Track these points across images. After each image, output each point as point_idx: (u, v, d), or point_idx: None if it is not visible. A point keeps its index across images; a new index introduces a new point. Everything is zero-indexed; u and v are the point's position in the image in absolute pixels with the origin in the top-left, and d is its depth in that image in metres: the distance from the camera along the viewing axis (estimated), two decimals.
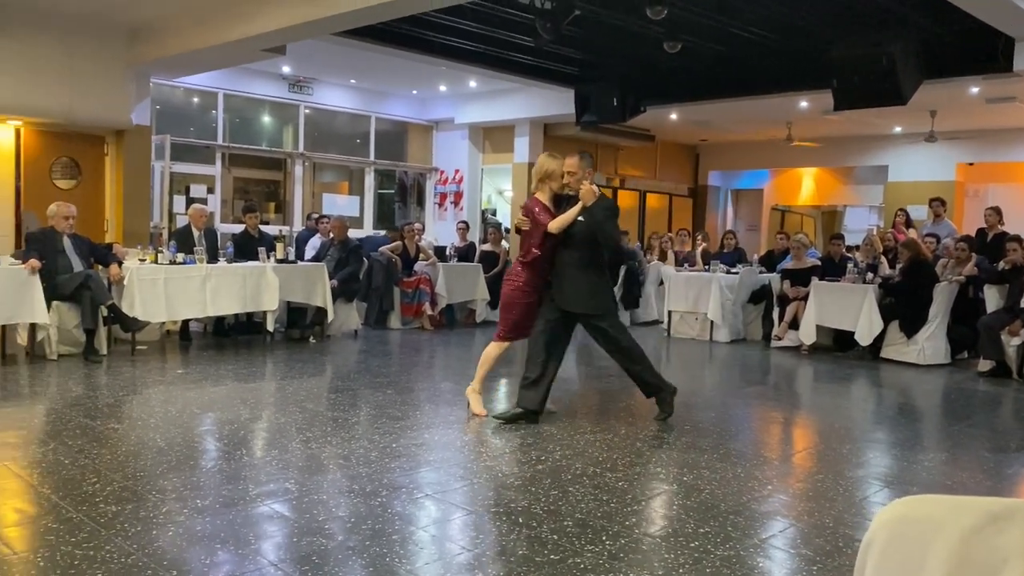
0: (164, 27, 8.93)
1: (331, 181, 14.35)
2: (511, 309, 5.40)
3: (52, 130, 9.47)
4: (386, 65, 10.81)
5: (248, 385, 6.37)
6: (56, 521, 3.23)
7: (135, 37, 9.36)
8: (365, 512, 3.46)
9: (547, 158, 5.41)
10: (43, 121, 9.22)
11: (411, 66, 10.65)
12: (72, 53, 9.01)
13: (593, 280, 5.31)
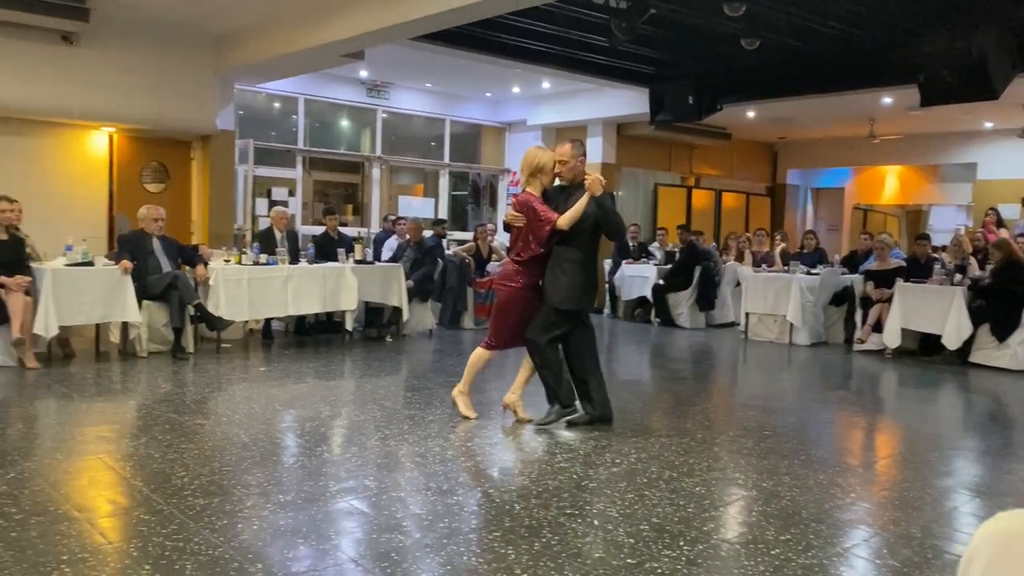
0: (248, 34, 9.21)
1: (407, 183, 14.55)
2: (508, 314, 5.09)
3: (142, 136, 9.87)
4: (460, 68, 10.90)
5: (328, 383, 6.52)
6: (148, 513, 3.36)
7: (221, 45, 9.68)
8: (442, 510, 3.50)
9: (537, 150, 5.19)
10: (134, 127, 9.61)
11: (485, 69, 10.71)
12: (162, 62, 9.37)
13: (590, 277, 5.11)
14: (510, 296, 5.06)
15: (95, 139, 9.55)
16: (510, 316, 5.08)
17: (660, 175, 14.28)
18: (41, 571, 2.75)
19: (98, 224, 9.57)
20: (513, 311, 5.07)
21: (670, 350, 9.29)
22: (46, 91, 8.62)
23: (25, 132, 8.96)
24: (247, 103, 11.78)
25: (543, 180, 5.08)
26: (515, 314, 5.06)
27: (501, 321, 5.15)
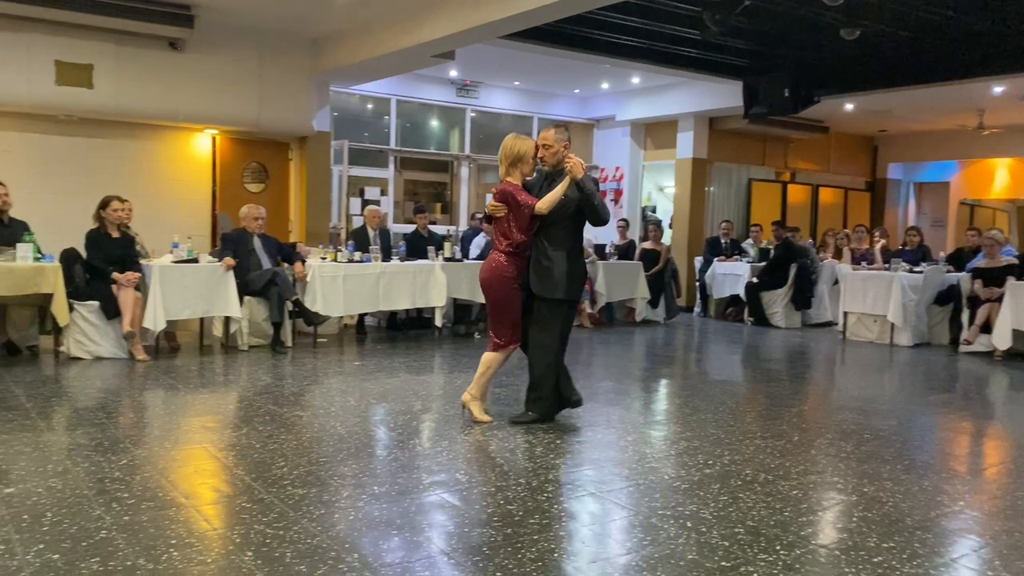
0: (343, 38, 9.44)
1: (494, 182, 14.63)
2: (506, 309, 4.92)
3: (243, 138, 10.24)
4: (549, 66, 10.91)
5: (419, 378, 6.62)
6: (249, 501, 3.49)
7: (317, 48, 9.96)
8: (532, 507, 3.51)
9: (516, 139, 5.01)
10: (235, 130, 9.98)
11: (574, 65, 10.69)
12: (262, 66, 9.70)
13: (574, 264, 4.93)
14: (503, 288, 4.91)
15: (199, 141, 9.96)
16: (509, 310, 4.93)
17: (754, 170, 13.95)
18: (152, 554, 2.88)
19: (202, 223, 9.98)
20: (510, 304, 4.93)
21: (764, 350, 9.06)
22: (154, 95, 9.04)
23: (135, 135, 9.42)
24: (342, 105, 12.07)
25: (523, 169, 4.98)
26: (512, 306, 4.93)
27: (500, 316, 4.96)
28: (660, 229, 11.63)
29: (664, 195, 14.44)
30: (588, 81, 12.59)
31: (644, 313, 10.80)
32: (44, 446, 4.26)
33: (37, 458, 4.02)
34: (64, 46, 8.51)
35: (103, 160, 9.17)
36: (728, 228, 12.18)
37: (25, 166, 8.54)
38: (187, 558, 2.87)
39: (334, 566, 2.83)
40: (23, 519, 3.17)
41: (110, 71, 8.74)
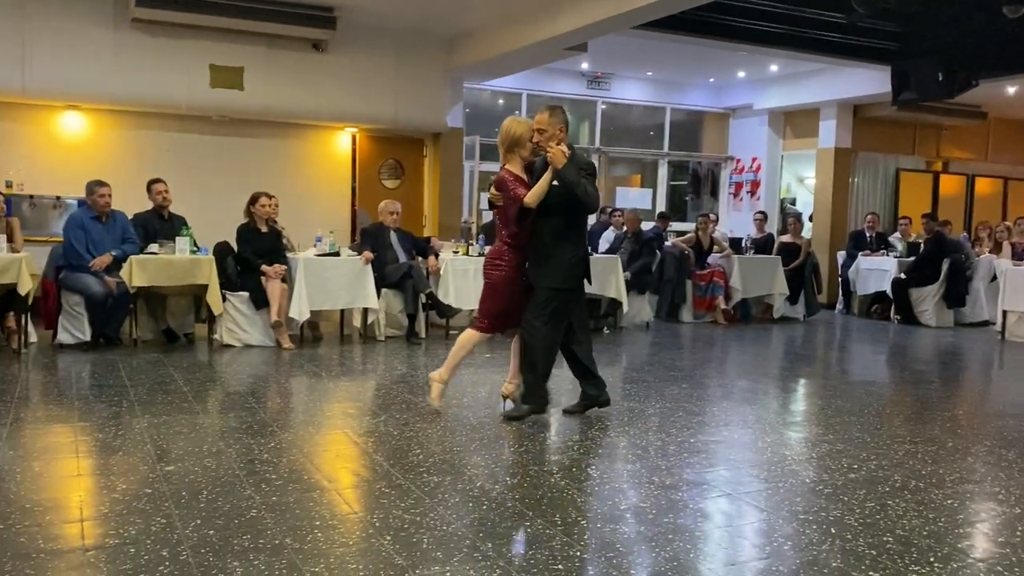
0: (478, 34, 9.57)
1: (623, 174, 14.49)
2: (497, 297, 4.79)
3: (381, 135, 10.57)
4: (683, 54, 10.68)
5: None
6: (388, 487, 3.59)
7: (452, 46, 10.14)
8: (666, 505, 3.44)
9: (513, 122, 4.78)
10: (374, 127, 10.31)
11: (709, 54, 10.42)
12: (399, 64, 9.98)
13: (573, 253, 4.73)
14: (496, 278, 4.78)
15: (340, 139, 10.35)
16: (501, 298, 4.78)
17: (903, 159, 13.18)
18: (298, 534, 3.01)
19: (342, 217, 10.37)
20: (504, 292, 4.77)
21: (912, 350, 8.56)
22: (299, 96, 9.46)
23: (280, 134, 9.90)
24: (474, 101, 12.24)
25: (522, 154, 4.76)
26: (506, 295, 4.77)
27: (489, 305, 4.84)
28: (800, 222, 11.19)
29: (804, 186, 13.87)
30: (724, 69, 12.24)
31: (782, 310, 10.42)
32: (200, 428, 4.55)
33: (194, 439, 4.29)
34: (218, 50, 9.04)
35: (252, 158, 9.68)
36: (874, 221, 11.56)
37: (183, 164, 9.13)
38: (330, 539, 2.98)
39: (469, 554, 2.87)
40: (182, 496, 3.39)
41: (259, 73, 9.21)
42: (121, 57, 8.66)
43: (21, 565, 2.68)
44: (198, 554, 2.80)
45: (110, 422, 4.55)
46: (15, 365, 6.12)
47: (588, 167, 4.68)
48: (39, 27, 8.35)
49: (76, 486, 3.57)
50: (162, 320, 7.41)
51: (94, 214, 6.98)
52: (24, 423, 4.51)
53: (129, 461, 3.88)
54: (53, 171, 8.84)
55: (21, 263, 6.34)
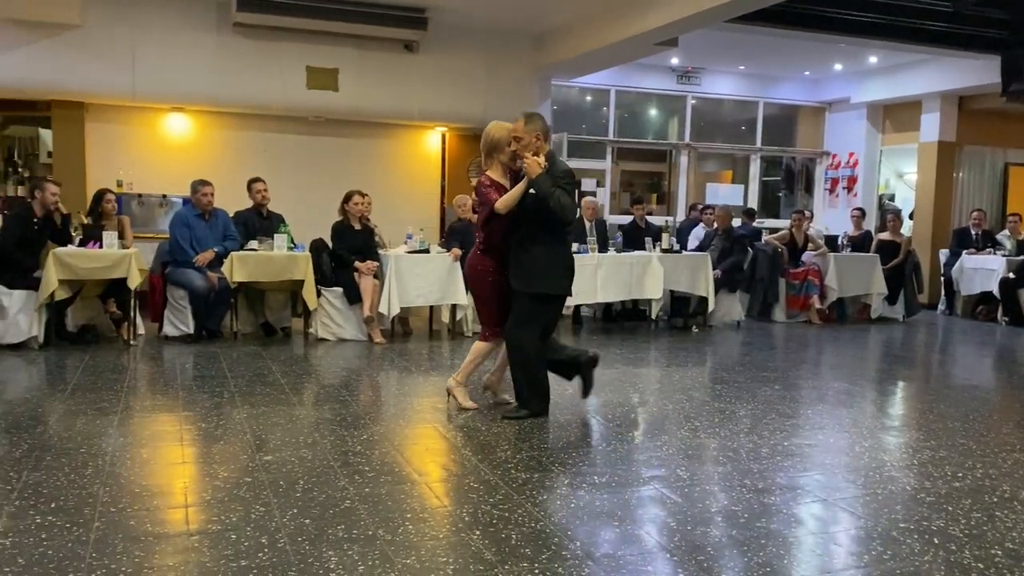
0: (566, 32, 9.56)
1: (713, 170, 14.24)
2: (483, 301, 4.84)
3: (469, 134, 10.66)
4: (777, 47, 10.41)
5: (635, 370, 6.59)
6: (476, 481, 3.63)
7: (540, 44, 10.16)
8: (758, 509, 3.37)
9: (494, 126, 4.69)
10: (462, 126, 10.42)
11: (804, 46, 10.13)
12: (488, 64, 10.05)
13: (555, 260, 4.65)
14: (475, 281, 4.85)
15: (430, 138, 10.51)
16: (495, 304, 4.79)
17: (1012, 153, 12.51)
18: (390, 525, 3.08)
19: (431, 215, 10.53)
20: (498, 299, 4.76)
21: (1023, 353, 8.13)
22: (391, 96, 9.65)
23: (372, 134, 10.11)
24: (561, 98, 12.23)
25: (500, 159, 4.69)
26: (500, 301, 4.76)
27: (480, 308, 4.91)
28: (899, 219, 10.76)
29: (904, 182, 13.33)
30: (819, 62, 11.87)
31: (880, 310, 10.04)
32: (296, 419, 4.70)
33: (291, 429, 4.43)
34: (313, 53, 9.30)
35: (345, 157, 9.93)
36: (980, 218, 11.01)
37: (280, 164, 9.43)
38: (420, 532, 3.04)
39: (557, 552, 2.88)
40: (280, 485, 3.50)
41: (353, 74, 9.43)
42: (223, 61, 9.02)
43: (131, 547, 2.82)
44: (295, 542, 2.89)
45: (212, 412, 4.75)
46: (124, 356, 6.45)
47: (566, 176, 4.58)
48: (147, 34, 8.76)
49: (181, 473, 3.74)
50: (260, 314, 7.68)
51: (198, 212, 7.29)
52: (133, 411, 4.75)
53: (230, 450, 4.04)
54: (160, 171, 9.29)
55: (131, 258, 6.67)
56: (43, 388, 5.44)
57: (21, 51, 8.40)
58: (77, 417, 4.56)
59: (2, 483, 3.43)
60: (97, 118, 9.18)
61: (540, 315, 4.71)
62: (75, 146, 9.05)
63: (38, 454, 3.83)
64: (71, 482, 3.46)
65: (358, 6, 8.76)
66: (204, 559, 2.74)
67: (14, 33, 8.32)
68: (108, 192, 7.44)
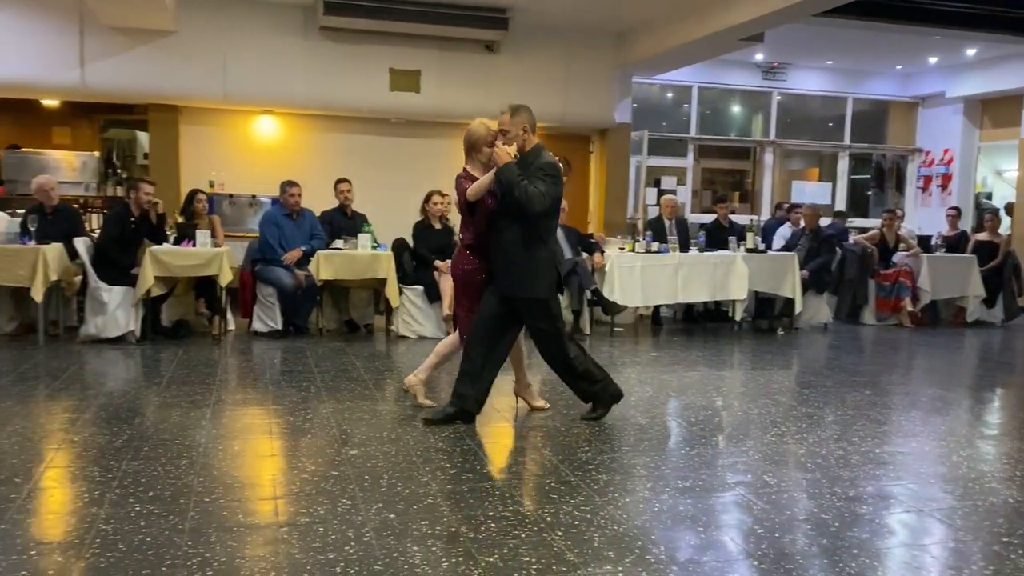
0: (647, 28, 9.46)
1: (799, 168, 13.87)
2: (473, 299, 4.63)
3: (547, 133, 10.64)
4: (867, 41, 10.09)
5: (718, 372, 6.47)
6: (557, 482, 3.62)
7: (621, 41, 10.08)
8: (849, 518, 3.26)
9: (476, 124, 4.58)
10: (541, 125, 10.32)
11: (896, 40, 9.79)
12: (568, 62, 10.03)
13: (536, 259, 4.43)
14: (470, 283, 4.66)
15: None
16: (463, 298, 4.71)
17: None
18: (472, 523, 3.10)
19: None
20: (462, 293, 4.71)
21: None
22: (471, 97, 9.71)
23: (452, 134, 10.15)
24: (641, 95, 12.10)
25: (480, 158, 4.57)
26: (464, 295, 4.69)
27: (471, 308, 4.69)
28: (998, 218, 10.29)
29: (1003, 180, 12.73)
30: (912, 55, 11.44)
31: (977, 313, 9.61)
32: (379, 414, 4.78)
33: (374, 424, 4.51)
34: (396, 55, 9.45)
35: (426, 158, 10.04)
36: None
37: (363, 164, 9.61)
38: (503, 531, 3.04)
39: (640, 556, 2.85)
40: (365, 479, 3.57)
41: (435, 76, 9.55)
42: (310, 64, 9.24)
43: (224, 537, 2.91)
44: (380, 537, 2.94)
45: (299, 406, 4.87)
46: (216, 351, 6.67)
47: (547, 168, 4.41)
48: (238, 39, 9.06)
49: (270, 465, 3.84)
50: (345, 311, 7.85)
51: (286, 212, 7.48)
52: (224, 405, 4.91)
53: (316, 443, 4.14)
54: (249, 172, 9.58)
55: (223, 256, 6.90)
56: (140, 381, 5.67)
57: (120, 57, 8.79)
58: (172, 409, 4.74)
59: (104, 471, 3.59)
60: (191, 121, 9.53)
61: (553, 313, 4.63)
62: (170, 148, 9.42)
63: (136, 444, 4.00)
64: (167, 472, 3.60)
65: (440, 8, 8.86)
66: (293, 551, 2.81)
67: (113, 40, 8.71)
68: (199, 192, 7.72)
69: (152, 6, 7.87)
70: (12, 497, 3.25)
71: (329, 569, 2.67)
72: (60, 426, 4.34)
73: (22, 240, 6.74)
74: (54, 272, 6.62)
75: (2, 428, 4.20)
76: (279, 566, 2.69)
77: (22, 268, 6.49)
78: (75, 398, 4.95)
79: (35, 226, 6.75)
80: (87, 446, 3.99)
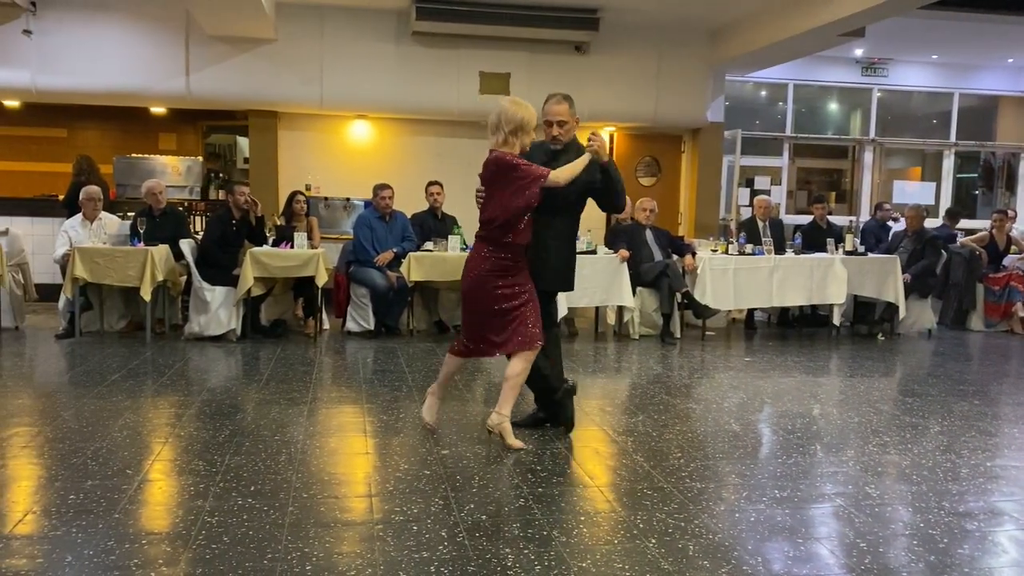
0: (742, 25, 9.25)
1: (900, 167, 13.32)
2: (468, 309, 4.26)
3: (639, 133, 10.57)
4: (976, 34, 9.62)
5: (815, 379, 6.27)
6: (649, 488, 3.58)
7: (714, 38, 9.89)
8: (959, 534, 3.11)
9: (516, 104, 4.09)
10: (632, 125, 10.33)
11: (1007, 31, 9.31)
12: (659, 61, 9.91)
13: (574, 254, 4.47)
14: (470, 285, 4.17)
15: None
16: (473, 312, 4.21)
17: None
18: (564, 527, 3.09)
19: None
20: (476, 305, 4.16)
21: None
22: None
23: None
24: (735, 93, 11.85)
25: (524, 141, 4.12)
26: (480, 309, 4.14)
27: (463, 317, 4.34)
28: None
29: None
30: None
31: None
32: (469, 415, 4.82)
33: (465, 425, 4.55)
34: (486, 58, 9.51)
35: None
36: None
37: (453, 168, 9.70)
38: (595, 536, 3.02)
39: (736, 567, 2.78)
40: (456, 479, 3.60)
41: (524, 78, 9.56)
42: (403, 69, 9.41)
43: (322, 533, 2.99)
44: (473, 537, 2.96)
45: (392, 405, 4.96)
46: (311, 350, 6.86)
47: None
48: (333, 46, 9.29)
49: (364, 463, 3.92)
50: (435, 312, 7.95)
51: (379, 214, 7.63)
52: (320, 403, 5.04)
53: (409, 443, 4.20)
54: (344, 175, 9.82)
55: (319, 258, 7.09)
56: (241, 378, 5.88)
57: (222, 66, 9.13)
58: (271, 406, 4.89)
59: (208, 465, 3.73)
60: (288, 126, 9.83)
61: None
62: (269, 153, 9.74)
63: (238, 440, 4.14)
64: (267, 467, 3.72)
65: (531, 10, 8.88)
66: (389, 548, 2.86)
67: (216, 50, 9.06)
68: (299, 194, 7.96)
69: (253, 15, 8.15)
70: (124, 488, 3.41)
71: (424, 568, 2.70)
72: (166, 421, 4.54)
73: (132, 242, 7.08)
74: (161, 272, 6.94)
75: (113, 422, 4.42)
76: (375, 563, 2.74)
77: (132, 268, 6.83)
78: (180, 394, 5.17)
79: (144, 228, 7.09)
80: (192, 440, 4.16)
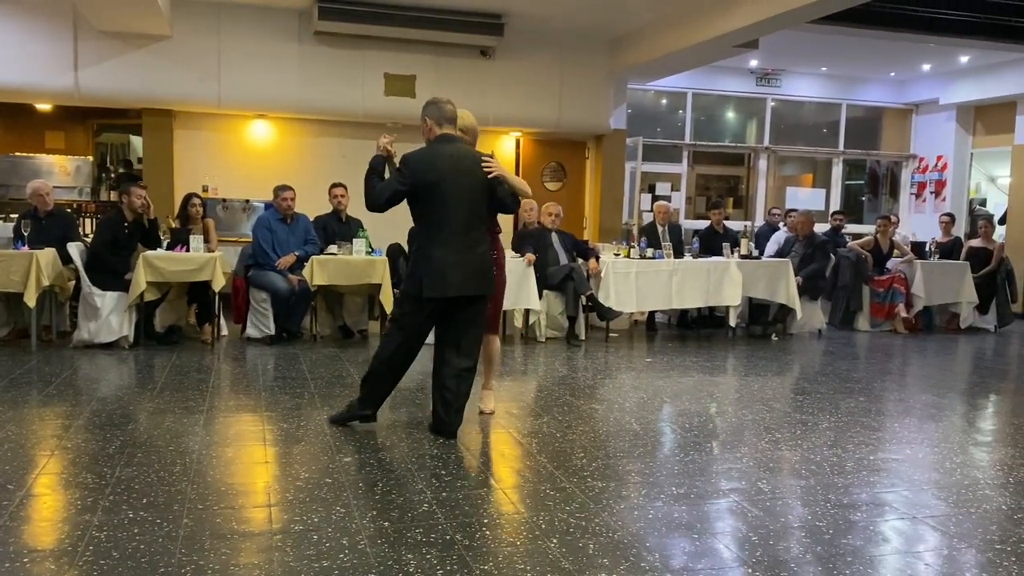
0: (642, 35, 9.48)
1: (793, 174, 13.91)
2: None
3: (543, 138, 10.69)
4: (862, 48, 10.13)
5: (712, 378, 6.48)
6: (552, 489, 3.62)
7: (615, 47, 10.10)
8: (844, 526, 3.27)
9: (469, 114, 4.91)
10: (537, 131, 10.44)
11: (890, 47, 9.83)
12: (563, 67, 10.05)
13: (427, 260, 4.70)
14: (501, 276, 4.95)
15: (504, 143, 10.56)
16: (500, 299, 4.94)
17: None
18: (467, 531, 3.09)
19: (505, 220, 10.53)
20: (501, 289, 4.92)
21: None
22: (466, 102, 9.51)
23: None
24: (637, 101, 12.14)
25: None
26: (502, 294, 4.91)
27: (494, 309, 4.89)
28: (991, 225, 10.34)
29: (996, 186, 12.79)
30: (906, 63, 11.50)
31: (971, 320, 9.65)
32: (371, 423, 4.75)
33: (368, 431, 4.50)
34: (391, 60, 9.45)
35: None
36: None
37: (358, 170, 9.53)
38: (497, 538, 3.04)
39: (635, 564, 2.84)
40: (359, 487, 3.56)
41: (429, 81, 9.54)
42: (304, 69, 9.24)
43: (218, 544, 2.90)
44: (375, 545, 2.93)
45: (293, 413, 4.86)
46: (208, 356, 6.65)
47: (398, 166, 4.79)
48: (232, 44, 9.05)
49: (264, 473, 3.82)
50: (339, 317, 7.83)
51: (279, 216, 7.47)
52: (217, 411, 4.89)
53: (310, 451, 4.12)
54: (243, 176, 9.57)
55: (215, 261, 6.89)
56: (133, 387, 5.65)
57: (114, 62, 8.77)
58: (165, 415, 4.72)
59: (97, 478, 3.57)
60: (185, 125, 9.52)
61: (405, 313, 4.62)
62: (164, 153, 9.40)
63: (130, 451, 3.98)
64: (161, 479, 3.58)
65: (436, 13, 8.87)
66: (288, 558, 2.80)
67: (108, 45, 8.70)
68: (195, 196, 7.70)
69: (146, 11, 7.86)
70: (4, 504, 3.23)
71: None
72: (53, 432, 4.32)
73: (15, 245, 6.71)
74: (47, 277, 6.60)
75: None
76: (273, 573, 2.68)
77: (15, 273, 6.47)
78: (68, 404, 4.93)
79: (28, 231, 6.73)
80: (80, 452, 3.97)
